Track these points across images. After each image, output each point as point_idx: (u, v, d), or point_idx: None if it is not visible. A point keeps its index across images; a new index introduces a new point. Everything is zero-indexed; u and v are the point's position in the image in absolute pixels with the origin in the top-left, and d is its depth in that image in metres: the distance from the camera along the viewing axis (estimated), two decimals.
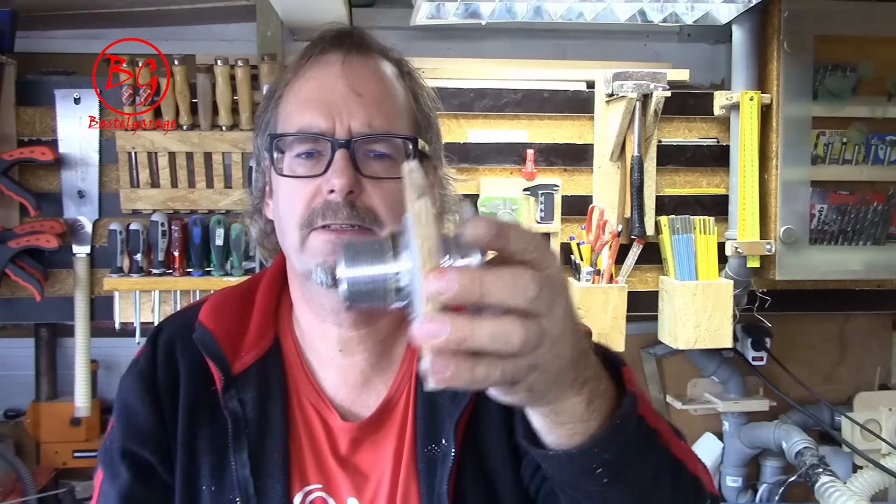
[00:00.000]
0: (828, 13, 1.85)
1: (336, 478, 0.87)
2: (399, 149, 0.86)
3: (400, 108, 0.88)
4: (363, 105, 0.84)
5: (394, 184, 0.83)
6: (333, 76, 0.85)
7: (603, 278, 1.85)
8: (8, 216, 1.80)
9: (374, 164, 0.84)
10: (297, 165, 0.85)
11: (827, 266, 1.89)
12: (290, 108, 0.87)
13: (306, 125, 0.84)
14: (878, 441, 2.01)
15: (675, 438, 0.73)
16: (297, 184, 0.84)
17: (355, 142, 0.83)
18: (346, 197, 0.81)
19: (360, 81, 0.85)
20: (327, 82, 0.85)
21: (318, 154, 0.84)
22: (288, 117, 0.87)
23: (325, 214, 0.82)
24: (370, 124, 0.84)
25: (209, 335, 0.89)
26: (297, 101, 0.87)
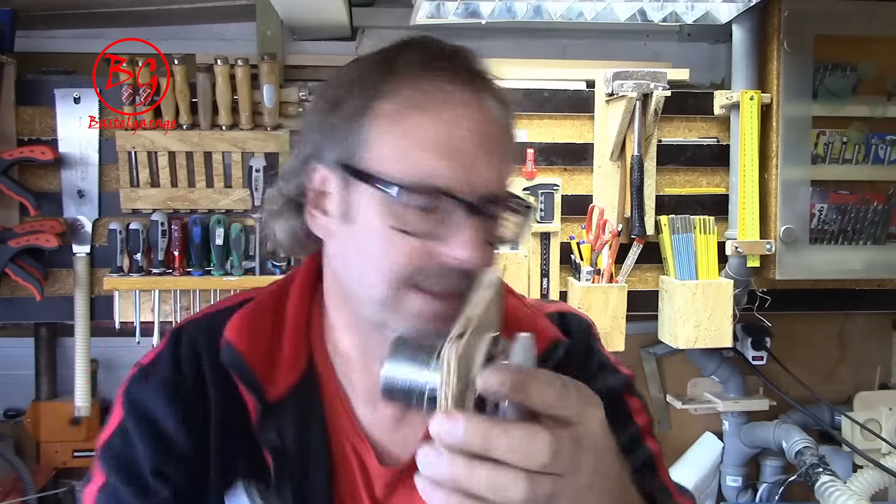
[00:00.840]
0: (828, 13, 1.85)
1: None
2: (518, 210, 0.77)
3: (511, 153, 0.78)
4: (494, 157, 0.72)
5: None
6: (464, 119, 0.71)
7: (603, 278, 1.85)
8: (8, 216, 1.80)
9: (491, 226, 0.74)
10: (409, 215, 0.70)
11: (827, 266, 1.89)
12: (404, 146, 0.71)
13: (430, 176, 0.69)
14: (878, 441, 2.01)
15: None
16: (403, 235, 0.70)
17: (489, 207, 0.72)
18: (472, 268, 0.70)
19: (490, 127, 0.73)
20: (457, 127, 0.71)
21: (437, 209, 0.70)
22: (402, 156, 0.71)
23: (436, 279, 0.71)
24: (498, 184, 0.73)
25: (240, 358, 0.78)
26: (418, 141, 0.71)
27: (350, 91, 0.74)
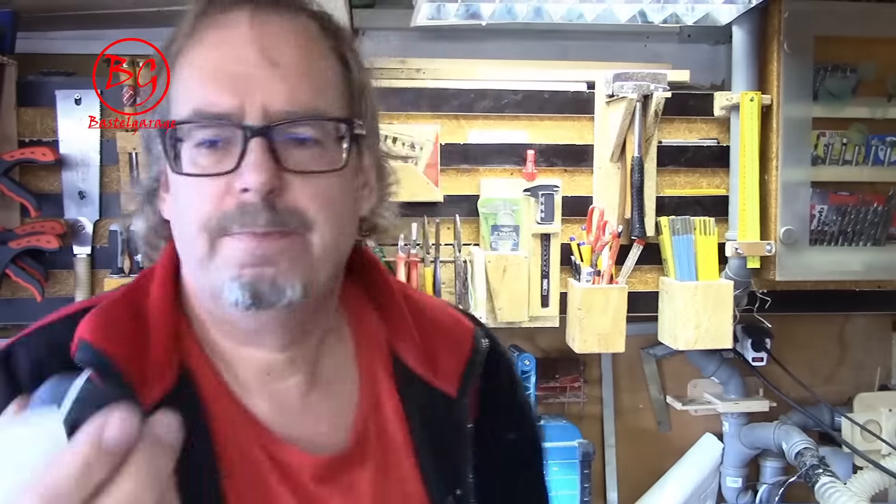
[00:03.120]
0: (828, 14, 1.85)
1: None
2: (330, 132, 0.68)
3: (328, 77, 0.70)
4: (281, 77, 0.66)
5: (325, 177, 0.67)
6: (241, 40, 0.66)
7: (603, 279, 1.85)
8: (8, 217, 1.80)
9: (298, 154, 0.66)
10: (200, 157, 0.66)
11: (827, 267, 1.89)
12: (185, 83, 0.68)
13: (207, 105, 0.65)
14: (878, 442, 2.01)
15: None
16: (201, 180, 0.66)
17: (275, 127, 0.65)
18: (265, 197, 0.64)
19: (276, 46, 0.66)
20: (233, 49, 0.66)
21: (225, 142, 0.66)
22: (184, 95, 0.68)
23: (239, 219, 0.64)
24: (293, 102, 0.66)
25: (103, 357, 0.65)
26: (195, 73, 0.68)
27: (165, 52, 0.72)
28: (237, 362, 0.73)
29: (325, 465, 0.71)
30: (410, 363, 0.79)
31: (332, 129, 0.69)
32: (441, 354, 0.80)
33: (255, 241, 0.65)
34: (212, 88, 0.66)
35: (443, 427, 0.78)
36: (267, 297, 0.65)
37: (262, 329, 0.71)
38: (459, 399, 0.79)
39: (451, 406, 0.79)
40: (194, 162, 0.67)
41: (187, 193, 0.68)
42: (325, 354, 0.77)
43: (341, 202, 0.70)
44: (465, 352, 0.81)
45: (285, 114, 0.66)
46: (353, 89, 0.73)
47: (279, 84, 0.66)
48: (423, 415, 0.77)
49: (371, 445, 0.75)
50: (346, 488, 0.71)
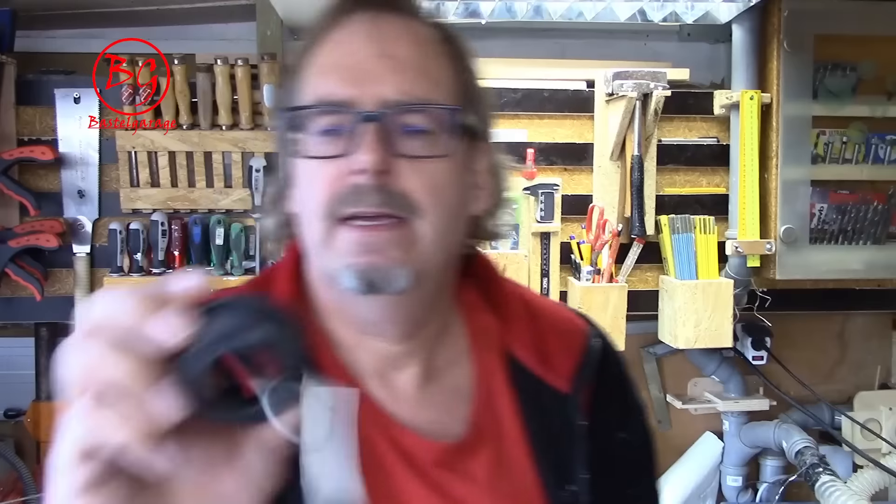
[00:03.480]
0: (828, 12, 1.85)
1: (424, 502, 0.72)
2: (441, 122, 0.71)
3: (441, 74, 0.73)
4: (397, 69, 0.70)
5: (435, 164, 0.70)
6: (360, 37, 0.72)
7: (603, 278, 1.85)
8: (8, 216, 1.80)
9: (409, 142, 0.70)
10: (318, 144, 0.71)
11: (827, 265, 1.89)
12: (309, 80, 0.73)
13: (326, 94, 0.70)
14: (878, 440, 2.01)
15: None
16: (318, 166, 0.70)
17: (388, 113, 0.68)
18: (376, 178, 0.67)
19: (393, 43, 0.71)
20: (353, 45, 0.72)
21: (342, 131, 0.70)
22: (307, 88, 0.73)
23: (351, 201, 0.68)
24: (406, 92, 0.69)
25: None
26: (317, 68, 0.73)
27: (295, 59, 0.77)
28: (357, 351, 0.76)
29: (444, 451, 0.74)
30: (524, 360, 0.80)
31: (443, 119, 0.71)
32: (555, 352, 0.81)
33: (367, 231, 0.68)
34: (332, 80, 0.71)
35: (556, 422, 0.79)
36: (378, 284, 0.68)
37: (379, 317, 0.74)
38: (573, 396, 0.80)
39: (564, 403, 0.80)
40: (314, 150, 0.71)
41: (306, 180, 0.72)
42: (440, 348, 0.79)
43: (450, 191, 0.72)
44: (578, 350, 0.83)
45: (398, 102, 0.69)
46: (466, 91, 0.76)
47: (394, 75, 0.70)
48: (537, 409, 0.79)
49: (487, 435, 0.76)
50: (465, 475, 0.74)
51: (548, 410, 0.79)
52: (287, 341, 0.43)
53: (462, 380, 0.79)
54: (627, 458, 0.86)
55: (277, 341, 0.43)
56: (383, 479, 0.71)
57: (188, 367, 0.41)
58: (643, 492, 0.90)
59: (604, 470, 0.80)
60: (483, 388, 0.79)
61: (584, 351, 0.83)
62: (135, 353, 0.41)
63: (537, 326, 0.82)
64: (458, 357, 0.80)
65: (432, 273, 0.72)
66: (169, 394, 0.41)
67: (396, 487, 0.71)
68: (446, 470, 0.73)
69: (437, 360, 0.78)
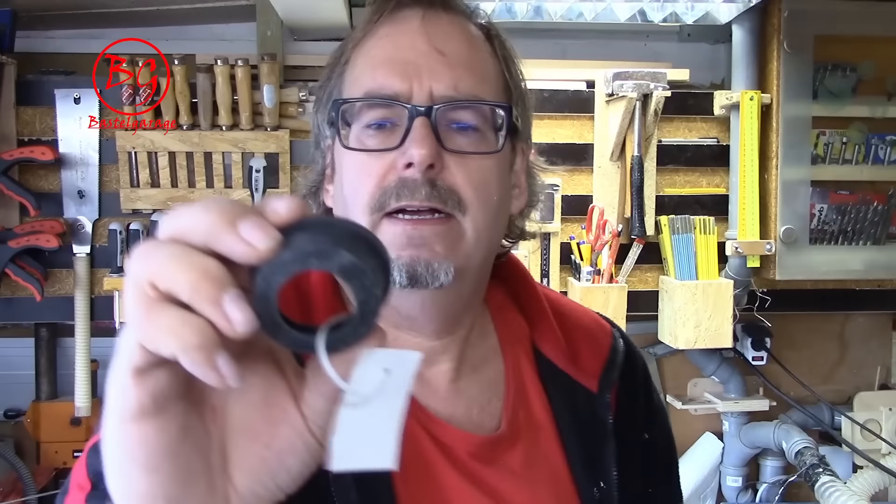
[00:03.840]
0: (828, 13, 1.85)
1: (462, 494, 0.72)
2: (488, 120, 0.72)
3: (489, 72, 0.75)
4: (448, 65, 0.70)
5: (481, 161, 0.71)
6: (412, 32, 0.72)
7: (603, 278, 1.85)
8: (8, 216, 1.80)
9: (458, 138, 0.70)
10: (367, 137, 0.71)
11: (827, 266, 1.89)
12: (358, 71, 0.73)
13: (377, 87, 0.70)
14: (878, 441, 2.01)
15: None
16: (367, 158, 0.70)
17: (438, 109, 0.69)
18: (426, 172, 0.67)
19: (444, 39, 0.72)
20: (404, 39, 0.72)
21: (391, 125, 0.70)
22: (356, 81, 0.73)
23: (399, 194, 0.68)
24: (456, 88, 0.70)
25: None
26: (368, 61, 0.73)
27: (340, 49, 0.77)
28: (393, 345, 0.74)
29: (481, 444, 0.74)
30: (553, 358, 0.81)
31: (491, 117, 0.72)
32: (582, 352, 0.82)
33: (413, 225, 0.68)
34: (383, 73, 0.71)
35: (586, 419, 0.79)
36: (422, 277, 0.68)
37: (417, 312, 0.74)
38: (600, 395, 0.81)
39: (592, 401, 0.81)
40: (361, 142, 0.71)
41: (352, 172, 0.71)
42: (472, 346, 0.79)
43: (494, 188, 0.72)
44: (605, 351, 0.84)
45: (449, 98, 0.69)
46: (511, 91, 0.77)
47: (445, 70, 0.70)
48: (567, 406, 0.80)
49: (522, 429, 0.77)
50: (502, 468, 0.74)
51: (579, 408, 0.80)
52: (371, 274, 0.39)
53: (494, 375, 0.80)
54: (651, 459, 0.86)
55: (360, 272, 0.39)
56: (425, 471, 0.71)
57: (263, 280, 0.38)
58: (666, 492, 0.90)
59: (629, 469, 0.80)
60: (515, 384, 0.79)
61: (610, 352, 0.84)
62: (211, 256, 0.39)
63: (564, 326, 0.83)
64: (490, 354, 0.81)
65: (473, 269, 0.73)
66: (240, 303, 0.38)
67: (437, 480, 0.71)
68: (483, 463, 0.73)
69: (470, 357, 0.79)
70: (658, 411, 0.90)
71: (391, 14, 0.74)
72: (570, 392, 0.80)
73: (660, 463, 0.88)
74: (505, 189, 0.76)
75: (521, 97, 0.79)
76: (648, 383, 0.90)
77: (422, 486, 0.70)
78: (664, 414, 0.91)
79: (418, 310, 0.73)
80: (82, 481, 0.67)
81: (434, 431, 0.73)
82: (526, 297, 0.85)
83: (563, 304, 0.87)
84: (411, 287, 0.68)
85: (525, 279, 0.86)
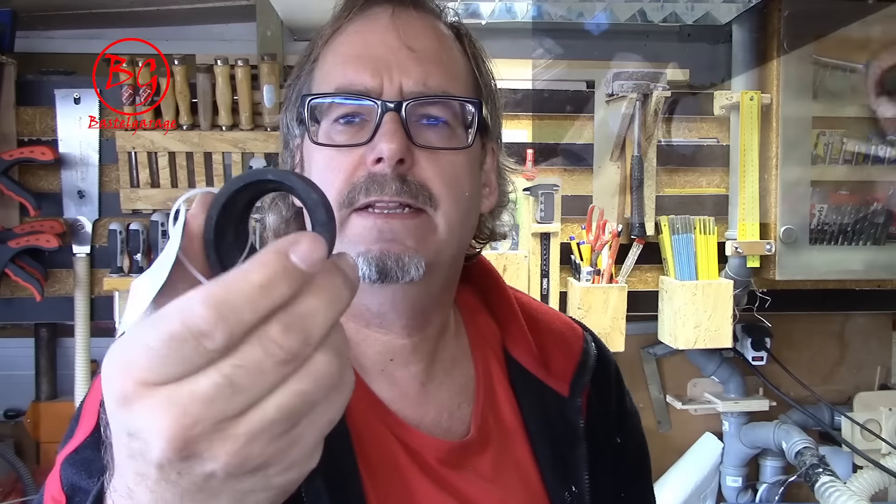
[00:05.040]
0: (828, 13, 1.85)
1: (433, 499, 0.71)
2: (458, 116, 0.72)
3: (459, 69, 0.75)
4: (417, 61, 0.70)
5: (452, 156, 0.70)
6: (381, 29, 0.72)
7: (603, 278, 1.85)
8: (8, 216, 1.80)
9: (428, 133, 0.70)
10: (336, 133, 0.71)
11: (827, 266, 1.89)
12: (328, 68, 0.73)
13: (347, 83, 0.70)
14: (878, 441, 2.01)
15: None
16: (336, 154, 0.70)
17: (408, 104, 0.69)
18: (395, 168, 0.67)
19: (414, 36, 0.72)
20: (374, 36, 0.72)
21: (361, 120, 0.70)
22: (325, 78, 0.73)
23: (369, 189, 0.67)
24: (426, 83, 0.70)
25: None
26: (337, 58, 0.73)
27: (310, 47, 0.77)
28: (362, 345, 0.75)
29: (451, 450, 0.73)
30: (523, 362, 0.81)
31: (461, 113, 0.72)
32: (553, 356, 0.82)
33: (383, 219, 0.67)
34: (353, 69, 0.71)
35: (556, 424, 0.79)
36: (392, 272, 0.67)
37: (388, 308, 0.73)
38: (571, 399, 0.81)
39: (563, 405, 0.81)
40: (330, 138, 0.71)
41: (321, 169, 0.71)
42: (443, 348, 0.79)
43: (465, 184, 0.72)
44: (576, 355, 0.84)
45: (419, 93, 0.70)
46: (483, 89, 0.77)
47: (415, 66, 0.70)
48: (537, 410, 0.79)
49: (492, 435, 0.77)
50: (472, 473, 0.74)
51: (549, 412, 0.80)
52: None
53: (464, 380, 0.80)
54: (623, 462, 0.86)
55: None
56: (395, 476, 0.71)
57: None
58: (639, 495, 0.90)
59: (600, 473, 0.80)
60: (485, 389, 0.79)
61: (581, 355, 0.84)
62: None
63: (535, 330, 0.83)
64: (460, 357, 0.81)
65: (444, 265, 0.72)
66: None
67: (407, 485, 0.71)
68: (453, 468, 0.73)
69: (440, 359, 0.78)
70: (630, 415, 0.90)
71: (361, 11, 0.74)
72: (541, 396, 0.80)
73: (632, 466, 0.88)
74: (476, 186, 0.76)
75: (490, 95, 0.78)
76: (620, 387, 0.90)
77: (392, 491, 0.70)
78: (636, 417, 0.91)
79: (389, 305, 0.73)
80: (56, 494, 0.64)
81: (403, 437, 0.72)
82: (497, 301, 0.85)
83: (534, 308, 0.87)
84: (381, 281, 0.67)
85: (496, 282, 0.86)
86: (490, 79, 0.79)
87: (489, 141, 0.78)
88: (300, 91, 0.76)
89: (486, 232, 0.83)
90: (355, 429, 0.70)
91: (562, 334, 0.85)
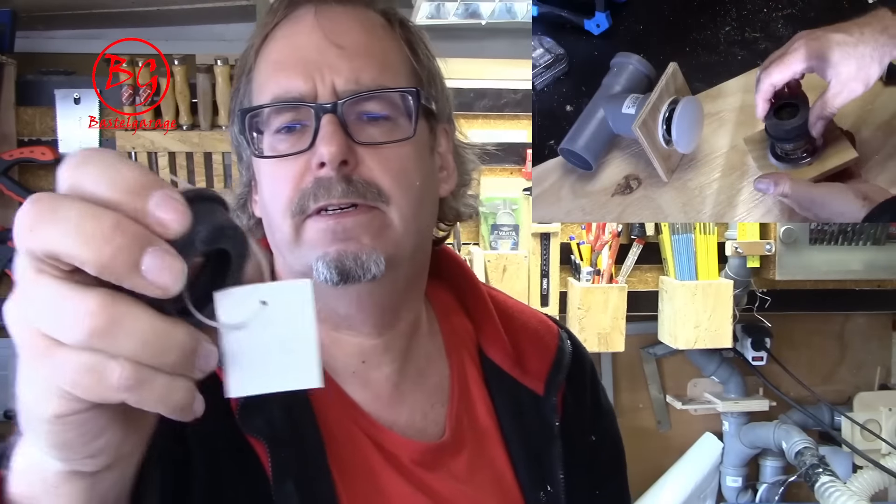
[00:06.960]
0: None
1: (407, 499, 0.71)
2: (398, 107, 0.70)
3: (393, 59, 0.73)
4: (347, 58, 0.69)
5: (397, 149, 0.69)
6: (307, 30, 0.70)
7: (603, 278, 1.85)
8: (8, 216, 1.80)
9: (370, 129, 0.69)
10: (279, 142, 0.70)
11: (827, 266, 1.89)
12: (262, 77, 0.72)
13: (282, 91, 0.69)
14: (877, 441, 2.01)
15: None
16: (281, 164, 0.69)
17: (343, 103, 0.68)
18: (339, 169, 0.66)
19: (340, 32, 0.70)
20: (300, 38, 0.70)
21: (302, 127, 0.69)
22: (261, 87, 0.71)
23: (317, 195, 0.67)
24: (358, 80, 0.68)
25: None
26: (269, 66, 0.72)
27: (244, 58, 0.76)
28: (333, 348, 0.75)
29: (425, 451, 0.73)
30: (498, 361, 0.81)
31: (401, 104, 0.71)
32: (528, 354, 0.82)
33: (335, 219, 0.67)
34: (285, 75, 0.70)
35: (531, 423, 0.79)
36: (353, 272, 0.67)
37: (354, 309, 0.73)
38: (546, 397, 0.81)
39: (538, 403, 0.80)
40: (274, 148, 0.70)
41: (269, 180, 0.71)
42: (416, 347, 0.78)
43: (415, 174, 0.71)
44: (551, 352, 0.83)
45: (352, 90, 0.68)
46: (421, 74, 0.75)
47: (345, 63, 0.69)
48: (512, 410, 0.79)
49: (466, 435, 0.76)
50: (447, 474, 0.74)
51: (524, 411, 0.79)
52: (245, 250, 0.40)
53: (438, 380, 0.79)
54: (598, 461, 0.85)
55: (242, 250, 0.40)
56: (369, 477, 0.70)
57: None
58: (614, 493, 0.89)
59: (576, 472, 0.80)
60: (459, 388, 0.79)
61: (556, 353, 0.83)
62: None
63: (510, 328, 0.82)
64: (434, 357, 0.80)
65: (404, 258, 0.71)
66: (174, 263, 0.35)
67: (381, 486, 0.70)
68: (427, 469, 0.73)
69: (414, 358, 0.78)
70: (606, 413, 0.90)
71: (286, 14, 0.73)
72: (516, 395, 0.80)
73: (607, 465, 0.88)
74: (427, 173, 0.74)
75: (431, 79, 0.76)
76: (596, 385, 0.89)
77: (365, 493, 0.70)
78: (612, 415, 0.91)
79: (354, 307, 0.72)
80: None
81: (377, 438, 0.72)
82: (472, 299, 0.84)
83: (509, 306, 0.86)
84: (344, 283, 0.67)
85: (469, 280, 0.85)
86: (429, 60, 0.77)
87: (438, 124, 0.76)
88: (241, 103, 0.75)
89: (450, 215, 0.82)
90: (328, 431, 0.70)
91: (537, 332, 0.84)
